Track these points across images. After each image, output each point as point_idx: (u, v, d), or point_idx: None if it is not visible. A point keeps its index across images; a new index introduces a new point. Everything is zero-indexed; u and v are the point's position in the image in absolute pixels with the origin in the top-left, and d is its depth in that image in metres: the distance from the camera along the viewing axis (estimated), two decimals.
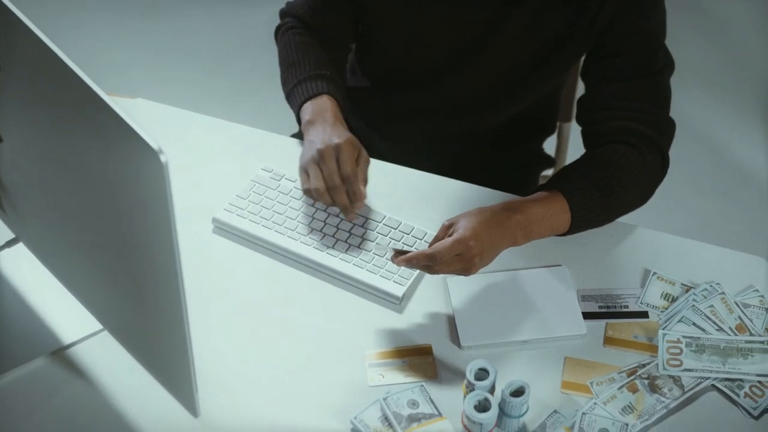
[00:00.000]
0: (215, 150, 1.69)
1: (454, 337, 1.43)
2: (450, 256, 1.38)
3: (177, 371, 1.18)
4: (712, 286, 1.46)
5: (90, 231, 1.19)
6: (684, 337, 1.39)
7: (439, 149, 1.79)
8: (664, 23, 1.57)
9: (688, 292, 1.46)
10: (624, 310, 1.46)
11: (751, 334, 1.40)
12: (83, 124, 1.08)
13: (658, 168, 1.57)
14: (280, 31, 1.74)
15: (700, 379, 1.36)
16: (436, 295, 1.48)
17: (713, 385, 1.37)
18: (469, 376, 1.29)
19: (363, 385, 1.37)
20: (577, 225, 1.51)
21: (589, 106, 1.60)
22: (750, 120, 3.04)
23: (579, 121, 1.62)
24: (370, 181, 1.51)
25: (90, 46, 3.20)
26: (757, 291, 1.47)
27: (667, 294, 1.47)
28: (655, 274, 1.49)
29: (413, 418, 1.31)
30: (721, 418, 1.34)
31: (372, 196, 1.58)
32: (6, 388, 1.35)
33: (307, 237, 1.52)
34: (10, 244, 1.50)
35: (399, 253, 1.41)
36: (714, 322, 1.41)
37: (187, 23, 3.33)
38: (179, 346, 1.13)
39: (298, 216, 1.55)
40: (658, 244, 1.56)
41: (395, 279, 1.47)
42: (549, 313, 1.44)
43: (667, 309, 1.45)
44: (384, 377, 1.38)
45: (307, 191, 1.48)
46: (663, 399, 1.34)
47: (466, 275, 1.42)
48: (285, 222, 1.54)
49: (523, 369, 1.39)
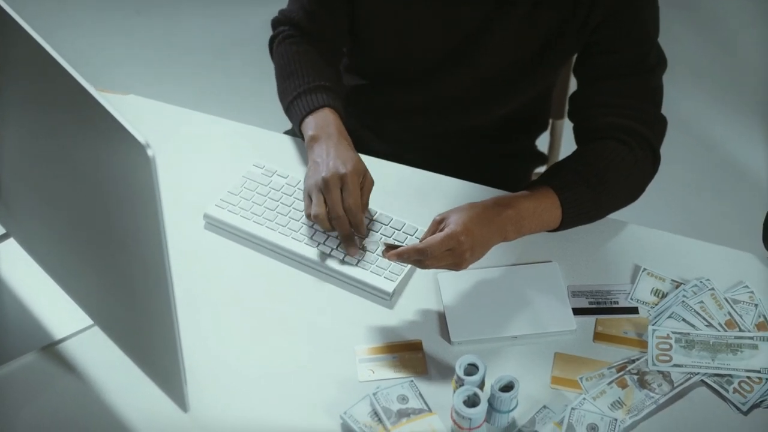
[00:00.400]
0: (207, 146, 1.69)
1: (445, 333, 1.43)
2: (441, 251, 1.38)
3: (166, 366, 1.19)
4: (702, 282, 1.46)
5: (79, 226, 1.20)
6: (673, 332, 1.39)
7: (431, 146, 1.79)
8: (657, 21, 1.57)
9: (678, 288, 1.47)
10: (614, 306, 1.46)
11: (740, 330, 1.41)
12: (72, 119, 1.08)
13: (650, 165, 1.57)
14: (275, 42, 1.71)
15: (689, 375, 1.37)
16: (427, 291, 1.48)
17: (702, 380, 1.37)
18: (459, 371, 1.30)
19: (353, 381, 1.37)
20: (568, 221, 1.51)
21: (581, 103, 1.60)
22: (742, 116, 3.04)
23: (571, 117, 1.62)
24: None
25: (85, 43, 3.20)
26: (746, 287, 1.47)
27: (657, 290, 1.47)
28: (645, 270, 1.50)
29: (403, 413, 1.31)
30: (710, 414, 1.35)
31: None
32: None
33: (298, 233, 1.52)
34: (0, 239, 1.50)
35: (390, 248, 1.41)
36: (704, 318, 1.42)
37: (181, 20, 3.33)
38: (168, 341, 1.13)
39: (289, 212, 1.55)
40: (649, 241, 1.56)
41: (386, 275, 1.47)
42: (539, 309, 1.45)
43: (657, 305, 1.45)
44: (374, 373, 1.38)
45: (308, 216, 1.48)
46: (652, 394, 1.35)
47: (456, 270, 1.42)
48: (276, 218, 1.55)
49: (512, 364, 1.39)
